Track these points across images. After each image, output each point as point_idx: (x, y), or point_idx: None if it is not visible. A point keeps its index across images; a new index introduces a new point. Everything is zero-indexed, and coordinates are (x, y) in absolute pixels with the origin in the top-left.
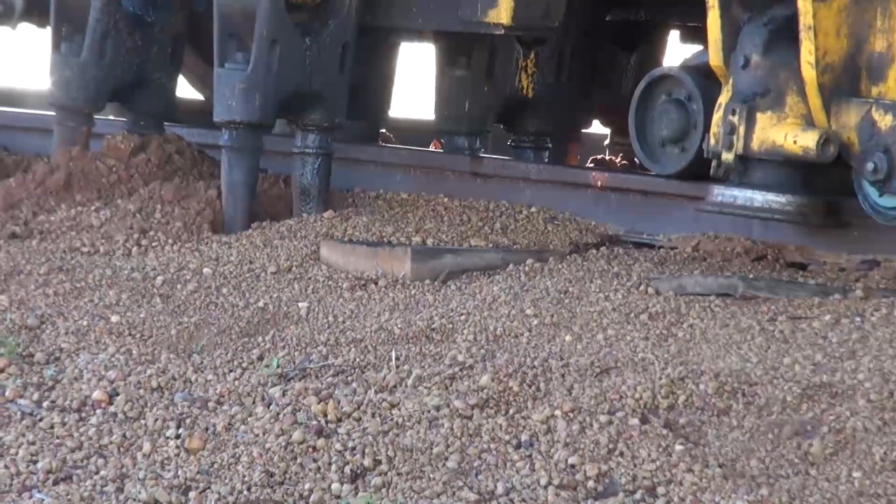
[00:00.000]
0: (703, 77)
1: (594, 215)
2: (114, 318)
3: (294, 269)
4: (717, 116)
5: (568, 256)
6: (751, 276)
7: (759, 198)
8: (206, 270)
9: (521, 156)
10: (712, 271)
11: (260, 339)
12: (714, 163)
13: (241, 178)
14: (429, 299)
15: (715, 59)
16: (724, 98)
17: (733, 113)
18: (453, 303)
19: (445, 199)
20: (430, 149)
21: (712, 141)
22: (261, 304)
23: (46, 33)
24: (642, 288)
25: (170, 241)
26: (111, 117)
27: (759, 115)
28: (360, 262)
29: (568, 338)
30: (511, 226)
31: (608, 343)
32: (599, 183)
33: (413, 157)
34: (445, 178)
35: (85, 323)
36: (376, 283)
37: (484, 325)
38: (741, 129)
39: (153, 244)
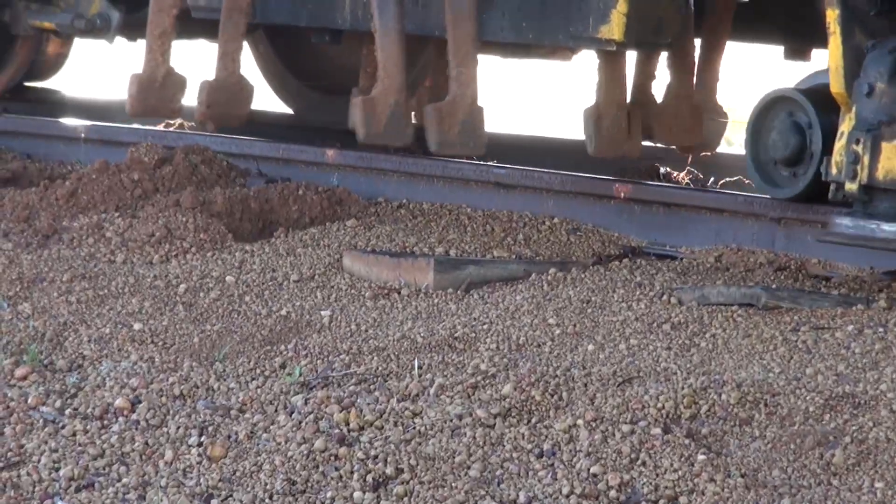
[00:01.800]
0: (822, 101)
1: (617, 227)
2: (136, 326)
3: (317, 277)
4: (839, 145)
5: (590, 267)
6: (773, 286)
7: (885, 229)
8: (228, 279)
9: None
10: (735, 282)
11: (282, 347)
12: (833, 187)
13: None
14: (451, 308)
15: (836, 85)
16: (846, 126)
17: (857, 142)
18: (476, 312)
19: (468, 210)
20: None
21: (834, 170)
22: (283, 312)
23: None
24: (665, 298)
25: (192, 248)
26: (136, 125)
27: (884, 145)
28: (382, 272)
29: (590, 347)
30: (534, 237)
31: (631, 353)
32: (622, 194)
33: (436, 168)
34: (468, 188)
35: (107, 331)
36: (399, 293)
37: (507, 335)
38: (865, 159)
39: (175, 252)
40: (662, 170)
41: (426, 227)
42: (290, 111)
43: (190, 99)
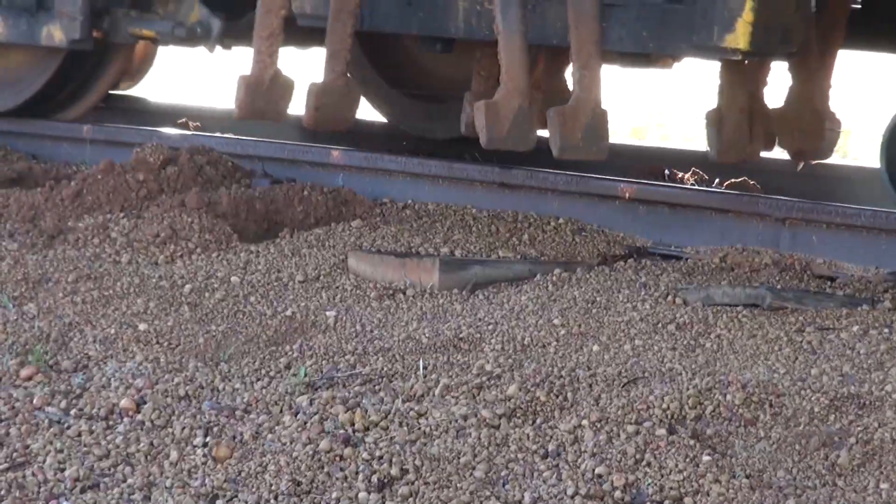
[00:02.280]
0: None
1: (622, 227)
2: (141, 327)
3: (322, 278)
4: None
5: (595, 267)
6: (779, 287)
7: None
8: (233, 279)
9: None
10: (740, 282)
11: (287, 347)
12: None
13: None
14: (456, 309)
15: None
16: None
17: None
18: (481, 312)
19: (473, 210)
20: (457, 160)
21: None
22: (288, 312)
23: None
24: (670, 298)
25: (197, 249)
26: (145, 127)
27: None
28: (387, 272)
29: (595, 348)
30: (539, 237)
31: (636, 353)
32: (627, 194)
33: (441, 168)
34: (473, 188)
35: (112, 331)
36: (404, 293)
37: (511, 335)
38: None
39: (181, 253)
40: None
41: (431, 228)
42: (383, 119)
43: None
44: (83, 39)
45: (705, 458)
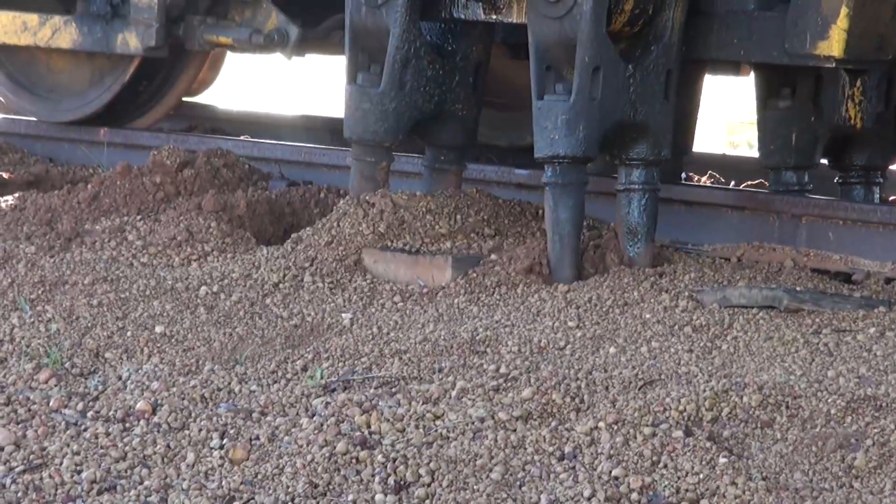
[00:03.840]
0: None
1: None
2: (158, 329)
3: (338, 279)
4: None
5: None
6: (796, 288)
7: None
8: (249, 281)
9: (850, 194)
10: (757, 283)
11: (303, 350)
12: None
13: (567, 216)
14: (473, 311)
15: None
16: None
17: None
18: (497, 314)
19: None
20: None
21: None
22: (304, 314)
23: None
24: (686, 300)
25: (214, 251)
26: (159, 133)
27: None
28: (401, 270)
29: (612, 350)
30: None
31: (652, 355)
32: None
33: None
34: (491, 189)
35: (129, 333)
36: (420, 294)
37: (528, 337)
38: None
39: (197, 255)
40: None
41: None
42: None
43: None
44: (159, 47)
45: (722, 459)
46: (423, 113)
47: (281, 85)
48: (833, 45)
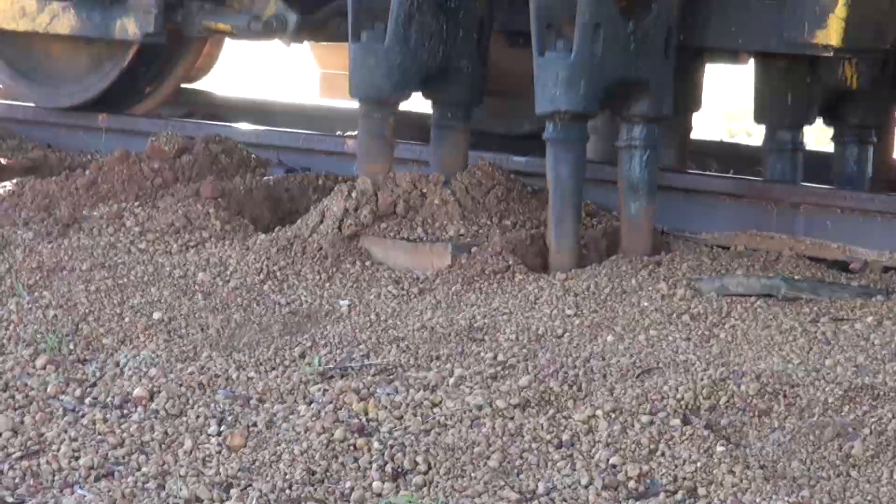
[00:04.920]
0: None
1: None
2: (155, 315)
3: (336, 266)
4: None
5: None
6: (794, 276)
7: None
8: (248, 268)
9: (844, 152)
10: (755, 272)
11: (301, 337)
12: None
13: (567, 173)
14: (471, 298)
15: None
16: None
17: None
18: (495, 302)
19: None
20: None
21: None
22: (302, 301)
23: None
24: (684, 288)
25: (211, 238)
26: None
27: None
28: (400, 256)
29: (610, 338)
30: None
31: (650, 343)
32: None
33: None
34: None
35: (127, 320)
36: (418, 280)
37: (526, 325)
38: None
39: (195, 242)
40: None
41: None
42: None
43: None
44: (157, 33)
45: (719, 448)
46: (429, 69)
47: (287, 72)
48: (831, 33)
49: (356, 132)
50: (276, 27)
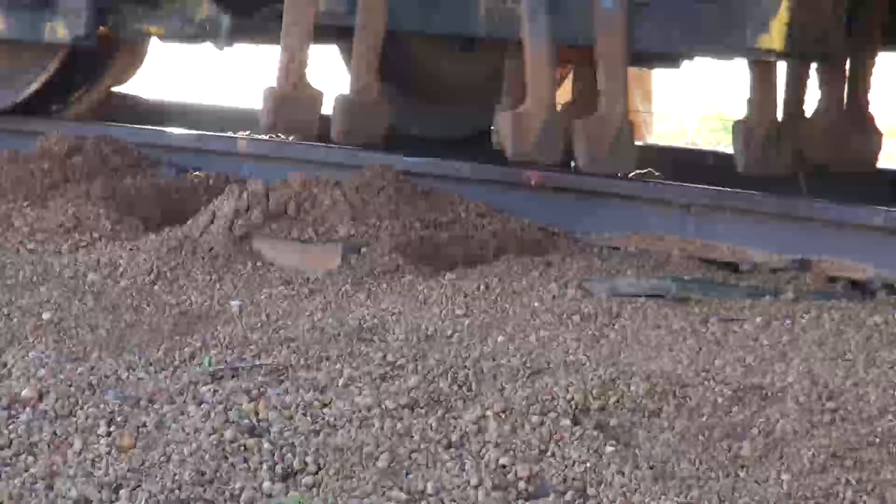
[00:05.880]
0: None
1: (528, 214)
2: (45, 315)
3: (227, 267)
4: None
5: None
6: (684, 277)
7: None
8: (138, 268)
9: None
10: (645, 273)
11: (192, 337)
12: None
13: None
14: (360, 298)
15: None
16: None
17: None
18: (385, 302)
19: None
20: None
21: None
22: (193, 301)
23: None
24: (575, 289)
25: (102, 238)
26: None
27: None
28: (291, 257)
29: (500, 338)
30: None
31: (540, 344)
32: (533, 182)
33: (341, 156)
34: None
35: (15, 320)
36: (309, 281)
37: (416, 325)
38: None
39: (85, 242)
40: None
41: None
42: None
43: None
44: (88, 36)
45: (609, 448)
46: None
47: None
48: (774, 38)
49: (248, 132)
50: (210, 30)
